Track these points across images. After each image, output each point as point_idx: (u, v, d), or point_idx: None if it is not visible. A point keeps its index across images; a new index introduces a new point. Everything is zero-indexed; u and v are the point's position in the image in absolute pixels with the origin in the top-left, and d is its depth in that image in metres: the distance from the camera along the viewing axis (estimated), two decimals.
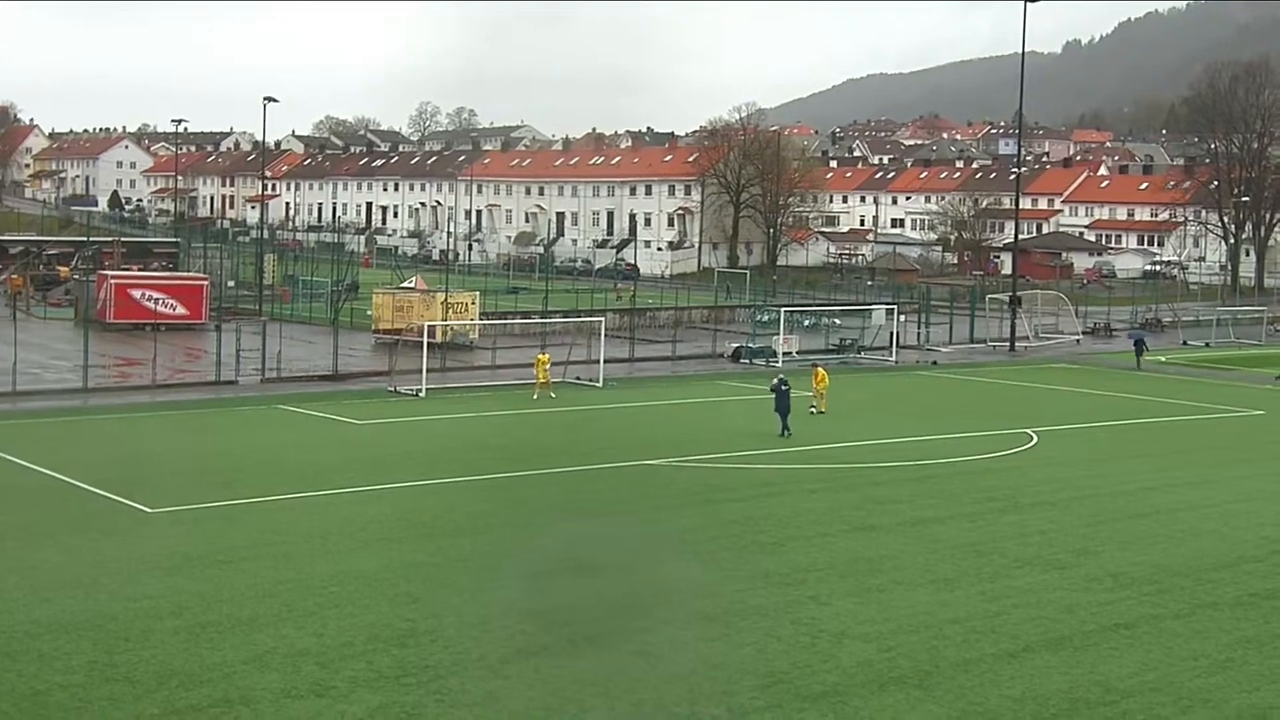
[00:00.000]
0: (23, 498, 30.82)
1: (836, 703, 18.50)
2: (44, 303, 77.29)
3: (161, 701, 17.94)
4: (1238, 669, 20.42)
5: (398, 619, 21.70)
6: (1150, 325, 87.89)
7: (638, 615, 22.37)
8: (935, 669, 20.02)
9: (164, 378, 50.78)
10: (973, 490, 33.53)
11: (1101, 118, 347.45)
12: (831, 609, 22.85)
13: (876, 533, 28.76)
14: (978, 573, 25.56)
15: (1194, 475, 36.69)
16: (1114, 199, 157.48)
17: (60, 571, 24.17)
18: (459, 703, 18.18)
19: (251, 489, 31.68)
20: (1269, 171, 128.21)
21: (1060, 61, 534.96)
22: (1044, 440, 41.94)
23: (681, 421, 44.56)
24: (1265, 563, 26.89)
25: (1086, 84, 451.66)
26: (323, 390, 50.32)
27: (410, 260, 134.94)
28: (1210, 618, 23.01)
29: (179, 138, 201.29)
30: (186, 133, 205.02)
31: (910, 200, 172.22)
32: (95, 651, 19.84)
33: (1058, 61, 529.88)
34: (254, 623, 21.36)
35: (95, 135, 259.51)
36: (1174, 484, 35.26)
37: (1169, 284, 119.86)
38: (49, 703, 17.86)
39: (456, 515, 29.77)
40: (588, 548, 27.16)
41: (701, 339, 70.82)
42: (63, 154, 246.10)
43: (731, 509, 30.88)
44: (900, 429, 43.52)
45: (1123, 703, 18.79)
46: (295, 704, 17.97)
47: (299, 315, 74.14)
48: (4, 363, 49.81)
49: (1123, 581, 25.17)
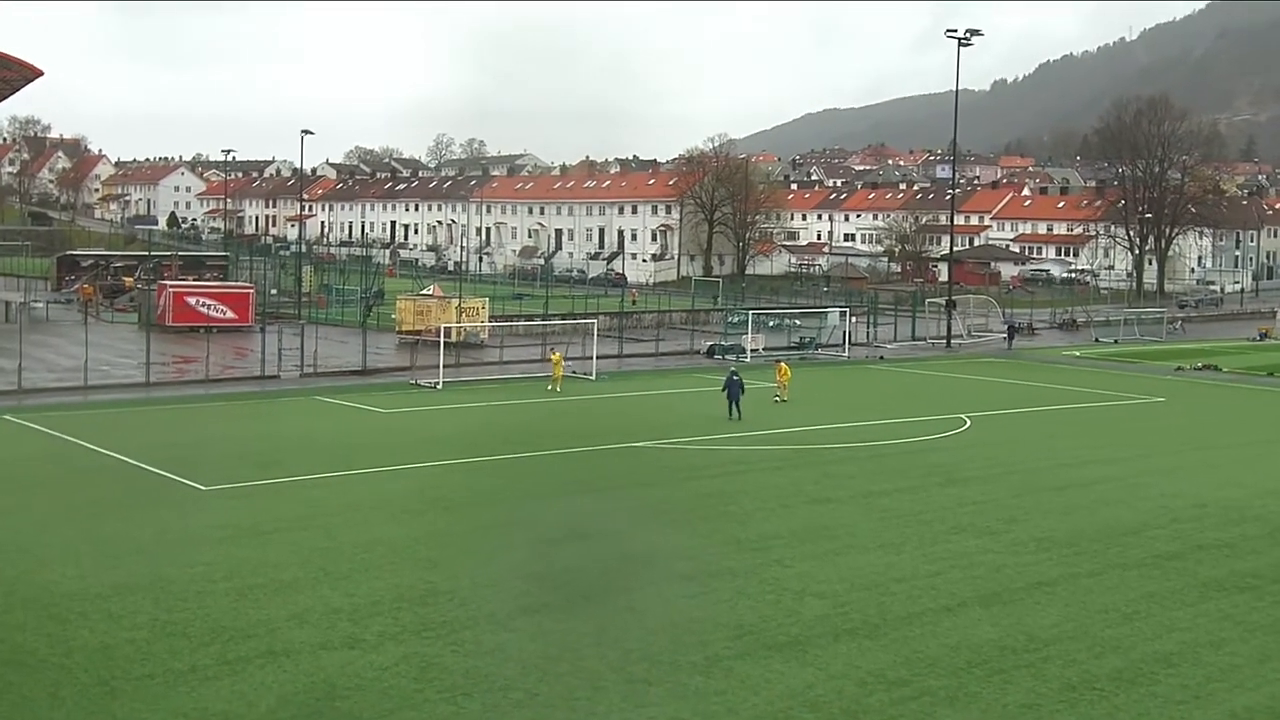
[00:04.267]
0: (93, 477, 30.75)
1: (798, 651, 18.51)
2: (111, 309, 77.06)
3: (214, 654, 17.89)
4: (1143, 620, 20.46)
5: (419, 580, 21.67)
6: (1067, 325, 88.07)
7: (627, 577, 22.38)
8: (883, 621, 20.03)
9: (215, 373, 50.63)
10: (915, 467, 33.55)
11: (1024, 146, 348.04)
12: (793, 570, 22.85)
13: (832, 504, 28.77)
14: (920, 538, 25.59)
15: (1105, 454, 36.74)
16: (1035, 216, 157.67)
17: (125, 541, 24.11)
18: (473, 653, 18.16)
19: (292, 469, 31.61)
20: (1168, 192, 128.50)
21: (989, 97, 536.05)
22: (976, 424, 41.99)
23: (664, 409, 44.54)
24: (1166, 529, 26.96)
25: (1011, 117, 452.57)
26: (353, 383, 50.20)
27: (429, 271, 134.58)
28: (1119, 576, 23.06)
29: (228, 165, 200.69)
30: (234, 161, 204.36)
31: (860, 218, 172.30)
32: (156, 610, 19.78)
33: (987, 97, 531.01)
34: (294, 585, 21.32)
35: (155, 164, 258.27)
36: (1088, 461, 35.34)
37: (1083, 289, 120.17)
38: (116, 655, 17.80)
39: (469, 491, 29.73)
40: (583, 519, 27.14)
41: (681, 338, 70.84)
42: (127, 180, 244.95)
43: (707, 484, 30.87)
44: (852, 415, 43.54)
45: (1044, 650, 18.83)
46: (330, 655, 17.94)
47: (333, 319, 73.92)
48: (76, 360, 49.70)
49: (1044, 545, 25.22)
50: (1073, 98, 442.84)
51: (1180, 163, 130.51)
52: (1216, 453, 37.62)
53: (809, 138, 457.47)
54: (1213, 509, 28.99)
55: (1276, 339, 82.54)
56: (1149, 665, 18.27)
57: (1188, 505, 29.34)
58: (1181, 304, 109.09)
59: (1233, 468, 34.83)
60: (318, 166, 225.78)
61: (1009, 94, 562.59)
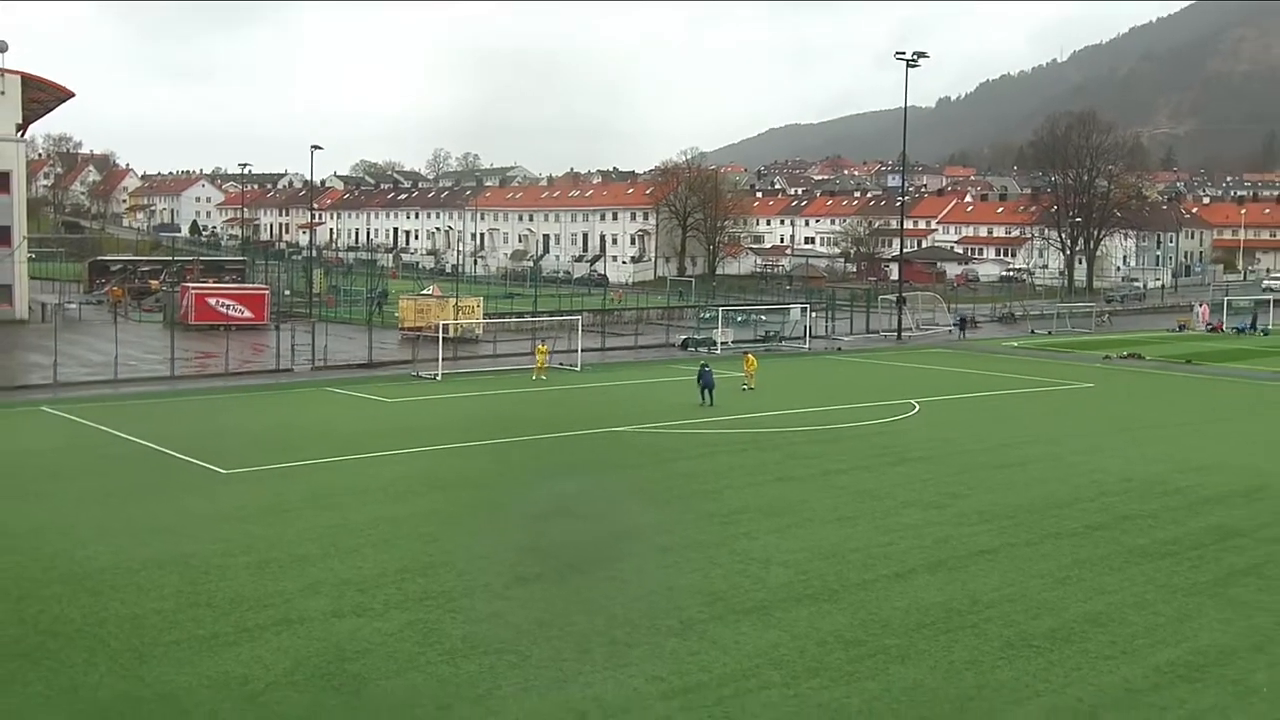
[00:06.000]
0: (122, 463, 30.59)
1: (764, 615, 18.55)
2: (138, 309, 76.54)
3: (234, 622, 17.84)
4: (1075, 584, 20.57)
5: (421, 554, 21.64)
6: (1006, 318, 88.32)
7: (609, 549, 22.38)
8: (841, 587, 20.09)
9: (234, 367, 50.43)
10: (869, 448, 33.63)
11: (967, 157, 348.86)
12: (759, 542, 22.89)
13: (795, 482, 28.82)
14: (873, 512, 25.66)
15: (1041, 434, 36.85)
16: (977, 220, 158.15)
17: (153, 520, 24.00)
18: (471, 619, 18.14)
19: (305, 454, 31.50)
20: (1096, 198, 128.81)
21: (934, 113, 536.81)
22: (924, 409, 42.10)
23: (642, 397, 44.52)
24: (1095, 502, 27.09)
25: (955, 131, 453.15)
26: (360, 376, 50.03)
27: (428, 273, 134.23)
28: (1054, 545, 23.17)
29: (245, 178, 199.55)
30: (250, 174, 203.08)
31: (819, 223, 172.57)
32: (181, 583, 19.71)
33: (933, 113, 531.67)
34: (307, 559, 21.26)
35: (178, 176, 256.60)
36: (1025, 441, 35.44)
37: (1020, 286, 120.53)
38: (145, 624, 17.74)
39: (467, 472, 29.69)
40: (570, 497, 27.10)
41: (657, 332, 70.79)
42: (153, 191, 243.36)
43: (681, 465, 30.88)
44: (813, 401, 43.60)
45: (986, 611, 18.91)
46: (341, 622, 17.90)
47: (341, 317, 73.69)
48: (106, 356, 49.41)
49: (986, 517, 25.31)
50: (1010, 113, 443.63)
51: (1107, 171, 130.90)
52: (1140, 433, 37.80)
53: (773, 150, 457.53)
54: (1137, 483, 29.14)
55: (1193, 330, 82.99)
56: (1080, 625, 18.37)
57: (1115, 480, 29.48)
58: (1108, 299, 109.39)
59: (1155, 446, 34.99)
60: (327, 178, 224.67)
61: (953, 110, 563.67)
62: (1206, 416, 42.40)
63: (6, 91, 69.65)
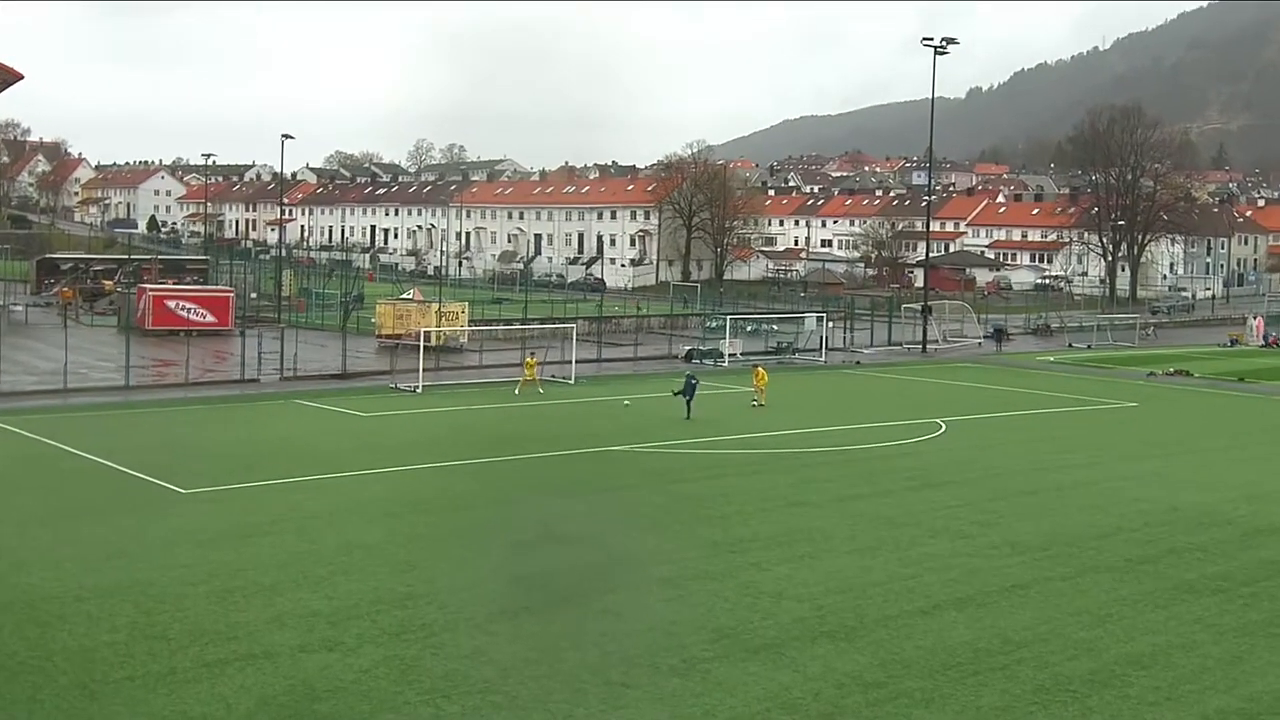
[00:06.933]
0: (72, 480, 30.58)
1: (775, 654, 18.53)
2: (91, 312, 76.56)
3: (194, 656, 17.82)
4: (1115, 623, 20.56)
5: (398, 584, 21.62)
6: (1041, 331, 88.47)
7: (605, 579, 22.37)
8: (859, 624, 20.08)
9: (195, 376, 50.41)
10: (890, 471, 33.64)
11: (999, 153, 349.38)
12: (770, 574, 22.88)
13: (808, 508, 28.82)
14: (895, 542, 25.66)
15: (1079, 458, 36.91)
16: (1010, 222, 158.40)
17: (105, 544, 23.98)
18: (451, 655, 18.12)
19: (272, 472, 31.50)
20: (1141, 199, 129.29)
21: (964, 105, 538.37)
22: (951, 428, 42.13)
23: (642, 413, 44.53)
24: (1139, 533, 27.10)
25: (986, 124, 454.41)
26: (333, 387, 50.06)
27: (408, 275, 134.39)
28: (1093, 579, 23.16)
29: (208, 169, 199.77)
30: (215, 165, 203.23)
31: (837, 224, 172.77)
32: (136, 613, 19.68)
33: (962, 105, 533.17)
34: (274, 588, 21.24)
35: (135, 167, 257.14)
36: (1062, 466, 35.48)
37: (1057, 295, 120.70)
38: (96, 658, 17.71)
39: (449, 494, 29.68)
40: (561, 522, 27.12)
41: (659, 342, 70.87)
42: (107, 183, 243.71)
43: (684, 488, 30.88)
44: (829, 419, 43.64)
45: (1018, 652, 18.90)
46: (310, 657, 17.88)
47: (312, 323, 73.69)
48: (55, 364, 49.41)
49: (1019, 549, 25.31)
50: (1047, 106, 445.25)
51: (1152, 170, 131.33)
52: (1188, 457, 37.83)
53: (787, 144, 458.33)
54: (1185, 513, 29.16)
55: (1247, 345, 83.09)
56: (1121, 667, 18.36)
57: (1160, 509, 29.50)
58: (1154, 310, 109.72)
59: (1205, 472, 35.03)
60: (298, 171, 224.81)
61: (984, 102, 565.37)
62: (1260, 440, 42.43)
63: None
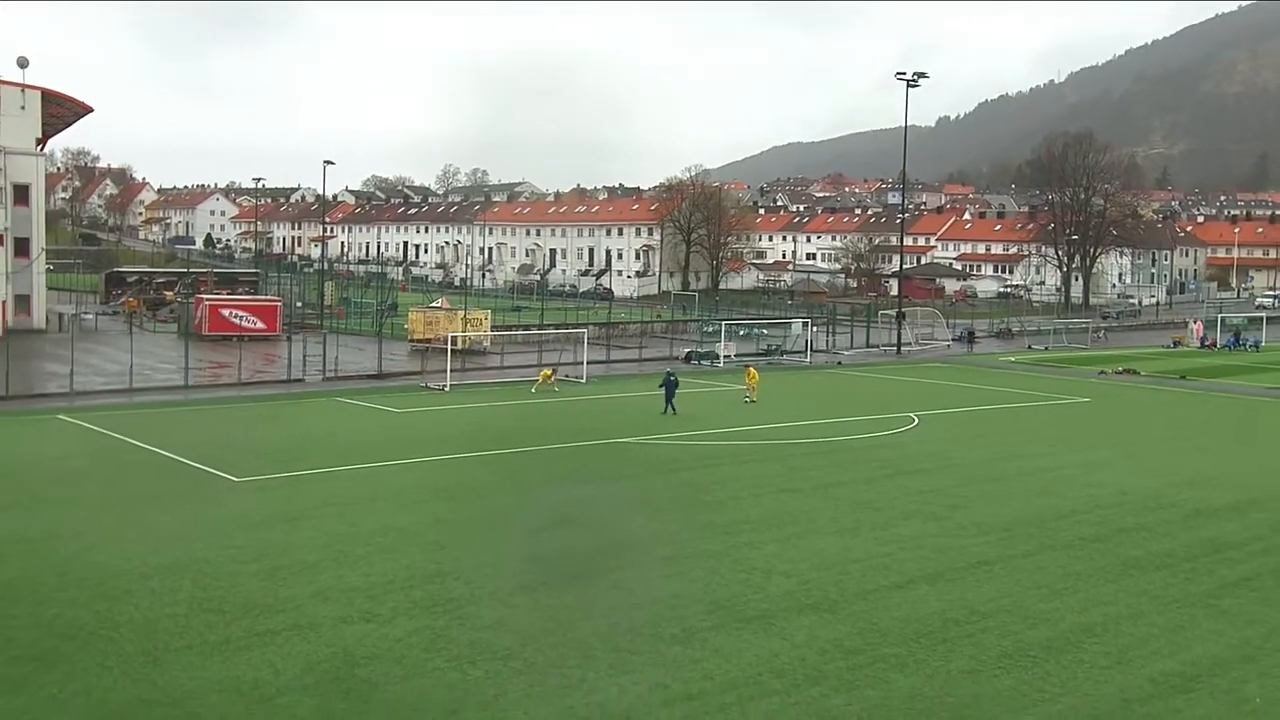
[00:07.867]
0: (137, 470, 30.62)
1: (766, 624, 18.52)
2: (153, 319, 76.78)
3: (246, 627, 17.84)
4: (1071, 595, 20.53)
5: (428, 562, 21.63)
6: (1003, 334, 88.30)
7: (613, 558, 22.35)
8: (841, 597, 20.06)
9: (247, 377, 50.46)
10: (869, 460, 33.60)
11: (965, 175, 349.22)
12: (761, 552, 22.87)
13: (795, 494, 28.80)
14: (873, 523, 25.63)
15: (1038, 448, 36.83)
16: (975, 237, 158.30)
17: (166, 527, 24.02)
18: (476, 626, 18.13)
19: (315, 463, 31.51)
20: (1092, 216, 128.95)
21: (934, 132, 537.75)
22: (923, 422, 42.08)
23: (646, 409, 44.49)
24: (1091, 515, 27.05)
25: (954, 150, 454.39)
26: (370, 386, 50.08)
27: (437, 286, 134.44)
28: (1050, 557, 23.13)
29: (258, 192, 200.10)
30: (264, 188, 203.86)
31: (820, 239, 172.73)
32: (194, 589, 19.71)
33: (932, 132, 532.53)
34: (317, 566, 21.25)
35: (193, 190, 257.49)
36: (1022, 455, 35.41)
37: (1018, 302, 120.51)
38: (158, 629, 17.74)
39: (473, 482, 29.68)
40: (574, 507, 27.12)
41: (662, 345, 70.82)
42: (168, 204, 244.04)
43: (684, 476, 30.86)
44: (814, 414, 43.59)
45: (984, 622, 18.88)
46: (349, 628, 17.89)
47: (351, 329, 73.79)
48: (122, 366, 49.49)
49: (984, 529, 25.28)
50: (1008, 133, 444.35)
51: (1103, 190, 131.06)
52: (1135, 447, 37.75)
53: (775, 167, 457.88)
54: (1132, 497, 29.10)
55: (1187, 346, 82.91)
56: (1076, 635, 18.33)
57: (1110, 494, 29.44)
58: (1104, 315, 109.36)
59: (1150, 460, 34.98)
60: (338, 193, 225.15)
61: (952, 129, 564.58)
62: (1200, 431, 42.35)
63: (27, 107, 70.07)
